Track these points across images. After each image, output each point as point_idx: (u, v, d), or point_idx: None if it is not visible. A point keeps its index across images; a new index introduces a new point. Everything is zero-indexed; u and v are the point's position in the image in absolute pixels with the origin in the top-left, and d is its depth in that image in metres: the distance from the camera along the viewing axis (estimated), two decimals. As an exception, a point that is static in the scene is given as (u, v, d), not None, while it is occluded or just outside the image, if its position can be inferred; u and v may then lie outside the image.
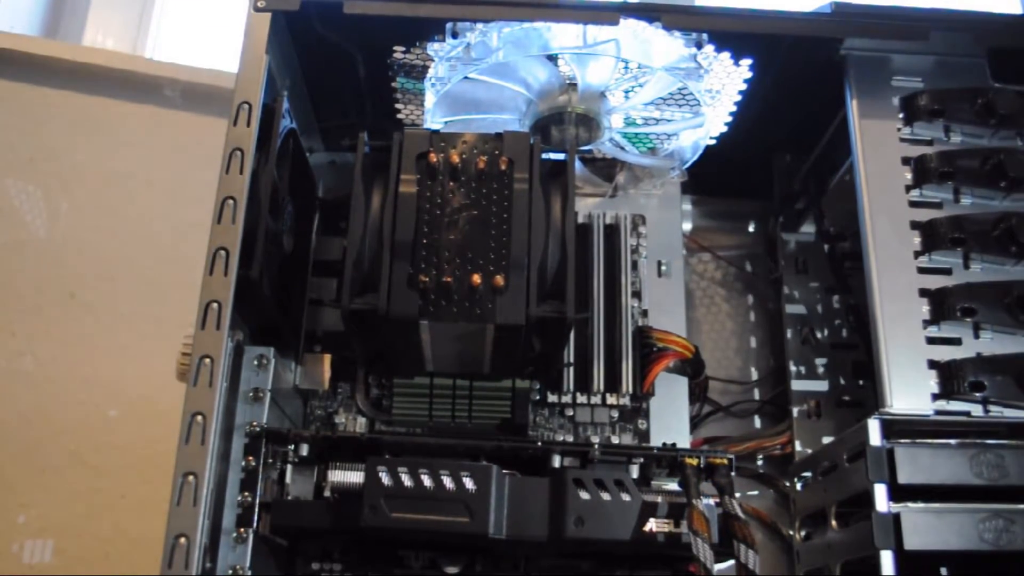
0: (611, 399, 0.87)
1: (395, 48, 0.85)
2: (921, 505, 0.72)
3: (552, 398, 0.87)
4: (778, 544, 0.96)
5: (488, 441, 0.75)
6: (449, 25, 0.80)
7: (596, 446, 0.74)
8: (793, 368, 1.00)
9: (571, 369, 0.88)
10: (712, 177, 0.98)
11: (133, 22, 1.50)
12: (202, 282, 0.69)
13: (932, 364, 0.74)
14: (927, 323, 0.76)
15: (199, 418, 0.65)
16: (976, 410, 0.74)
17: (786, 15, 0.82)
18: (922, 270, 0.77)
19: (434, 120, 0.88)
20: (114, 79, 1.30)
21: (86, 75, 1.30)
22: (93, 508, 1.08)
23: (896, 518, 0.71)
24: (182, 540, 0.63)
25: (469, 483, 0.69)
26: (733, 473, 0.73)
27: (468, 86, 0.85)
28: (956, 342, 0.75)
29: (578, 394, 0.87)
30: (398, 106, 0.94)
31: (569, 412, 0.88)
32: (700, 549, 0.65)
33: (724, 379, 1.03)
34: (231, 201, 0.70)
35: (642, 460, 0.75)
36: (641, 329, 0.90)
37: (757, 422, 1.03)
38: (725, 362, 1.05)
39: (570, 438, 0.87)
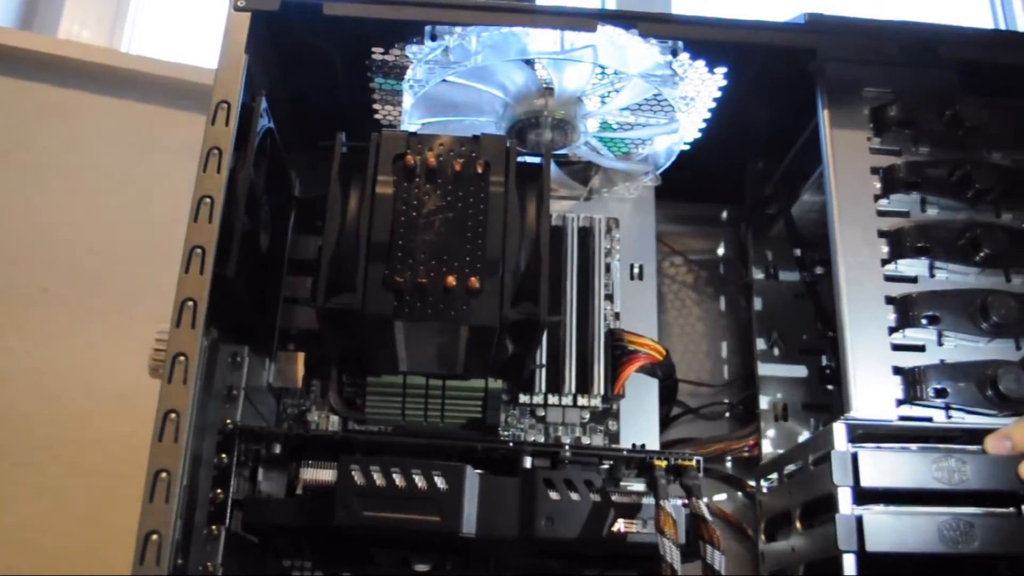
0: (582, 400, 0.88)
1: (374, 49, 0.85)
2: (883, 508, 0.73)
3: (524, 399, 0.88)
4: (744, 545, 0.98)
5: (460, 441, 0.76)
6: (428, 28, 0.81)
7: (566, 447, 0.75)
8: (762, 372, 1.01)
9: (543, 370, 0.89)
10: (685, 182, 0.99)
11: (109, 15, 1.49)
12: (178, 280, 0.69)
13: (897, 370, 0.76)
14: (892, 330, 0.77)
15: (173, 415, 0.66)
16: (939, 416, 0.75)
17: (760, 25, 0.83)
18: (888, 278, 0.79)
19: (411, 121, 0.88)
20: (90, 72, 1.29)
21: (62, 68, 1.29)
22: (64, 503, 1.08)
23: (859, 521, 0.72)
24: (154, 537, 0.63)
25: (441, 482, 0.70)
26: (701, 475, 0.74)
27: (446, 88, 0.86)
28: (920, 349, 0.77)
29: (550, 395, 0.88)
30: (376, 107, 0.94)
31: (540, 413, 0.89)
32: (667, 550, 0.66)
33: (694, 381, 1.04)
34: (208, 200, 0.71)
35: (612, 461, 0.76)
36: (613, 331, 0.91)
37: (726, 425, 1.04)
38: (695, 365, 1.06)
39: (541, 438, 0.88)
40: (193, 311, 0.68)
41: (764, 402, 1.00)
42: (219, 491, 0.71)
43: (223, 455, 0.72)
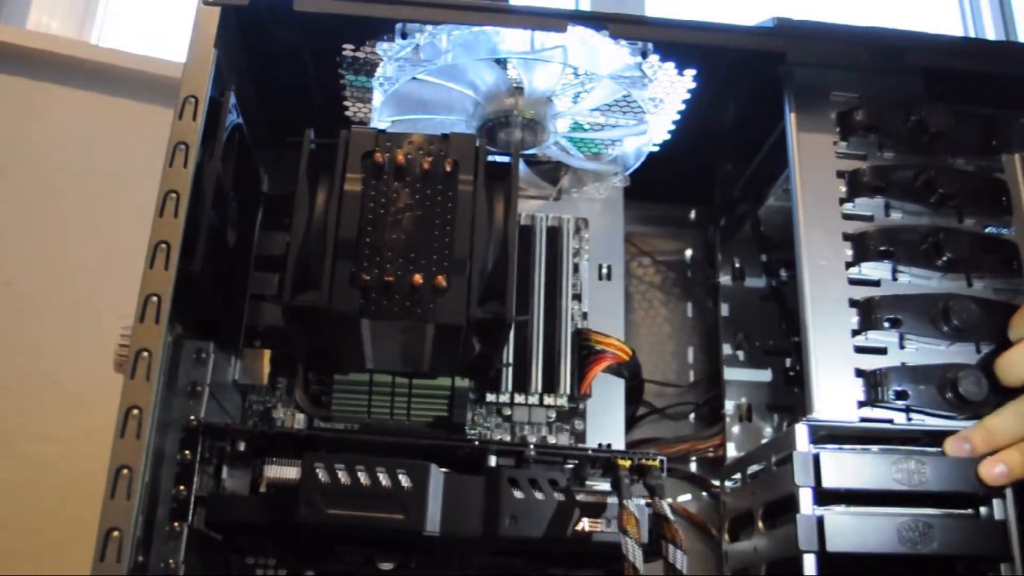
0: (549, 400, 0.89)
1: (344, 46, 0.85)
2: (844, 509, 0.74)
3: (490, 398, 0.88)
4: (708, 545, 0.99)
5: (425, 439, 0.76)
6: (399, 26, 0.81)
7: (531, 446, 0.76)
8: (727, 372, 1.02)
9: (510, 369, 0.89)
10: (654, 183, 1.00)
11: (79, 6, 1.48)
12: (143, 275, 0.68)
13: (859, 372, 0.77)
14: (855, 332, 0.78)
15: (135, 411, 0.65)
16: (899, 418, 0.76)
17: (729, 28, 0.84)
18: (852, 281, 0.80)
19: (381, 119, 0.88)
20: (59, 64, 1.28)
21: (30, 59, 1.28)
22: (25, 500, 1.07)
23: (820, 521, 0.73)
24: (115, 534, 0.62)
25: (405, 480, 0.70)
26: (664, 475, 0.75)
27: (416, 86, 0.86)
28: (882, 351, 0.78)
29: (516, 394, 0.89)
30: (346, 103, 0.94)
31: (507, 412, 0.89)
32: (630, 549, 0.67)
33: (660, 382, 1.05)
34: (174, 195, 0.70)
35: (576, 461, 0.77)
36: (580, 331, 0.91)
37: (691, 425, 1.05)
38: (662, 365, 1.07)
39: (507, 437, 0.89)
40: (157, 306, 0.67)
41: (729, 403, 1.00)
42: (182, 488, 0.70)
43: (187, 452, 0.72)
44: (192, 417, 0.73)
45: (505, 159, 0.79)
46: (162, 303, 0.68)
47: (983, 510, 0.75)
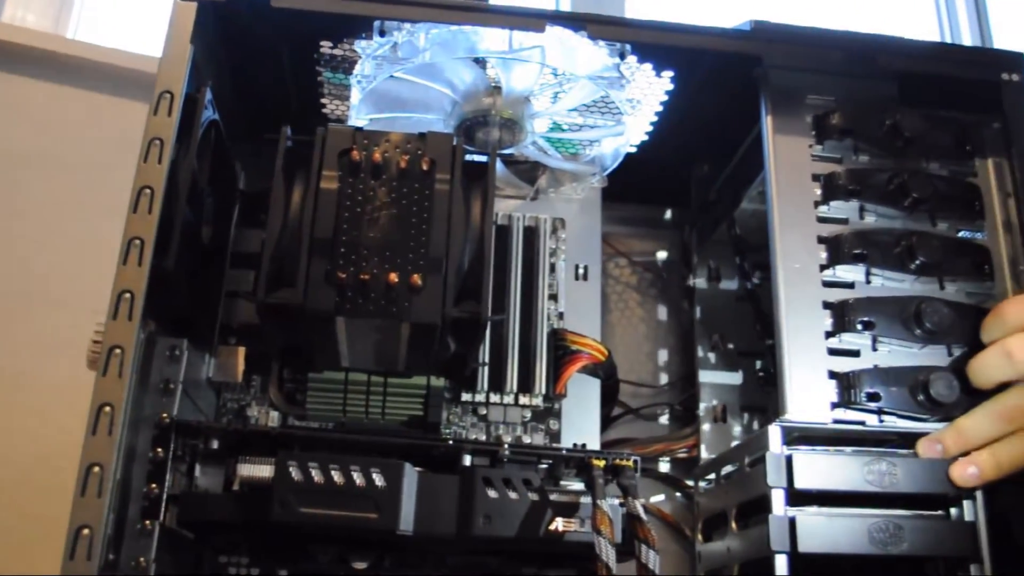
0: (524, 399, 0.89)
1: (322, 43, 0.85)
2: (816, 510, 0.75)
3: (466, 397, 0.88)
4: (682, 545, 0.99)
5: (400, 438, 0.76)
6: (377, 23, 0.81)
7: (506, 446, 0.76)
8: (702, 373, 1.02)
9: (486, 368, 0.89)
10: (631, 184, 1.00)
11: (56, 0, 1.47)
12: (116, 271, 0.68)
13: (832, 374, 0.77)
14: (829, 334, 0.78)
15: (107, 409, 0.65)
16: (871, 420, 0.77)
17: (707, 31, 0.84)
18: (826, 283, 0.80)
19: (359, 117, 0.88)
20: (34, 58, 1.27)
21: (5, 52, 1.26)
22: (-3, 497, 1.06)
23: (792, 522, 0.73)
24: (85, 532, 0.62)
25: (379, 479, 0.70)
26: (638, 475, 0.75)
27: (394, 85, 0.86)
28: (855, 354, 0.78)
29: (491, 393, 0.89)
30: (324, 100, 0.94)
31: (482, 411, 0.89)
32: (603, 549, 0.67)
33: (635, 382, 1.05)
34: (148, 191, 0.70)
35: (551, 460, 0.77)
36: (556, 331, 0.91)
37: (666, 425, 1.05)
38: (637, 366, 1.07)
39: (483, 437, 0.89)
40: (130, 303, 0.67)
41: (703, 404, 1.01)
42: (154, 486, 0.70)
43: (159, 449, 0.71)
44: (165, 415, 0.72)
45: (482, 158, 0.79)
46: (135, 300, 0.67)
47: (953, 511, 0.76)
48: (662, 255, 1.13)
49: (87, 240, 1.16)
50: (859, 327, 0.78)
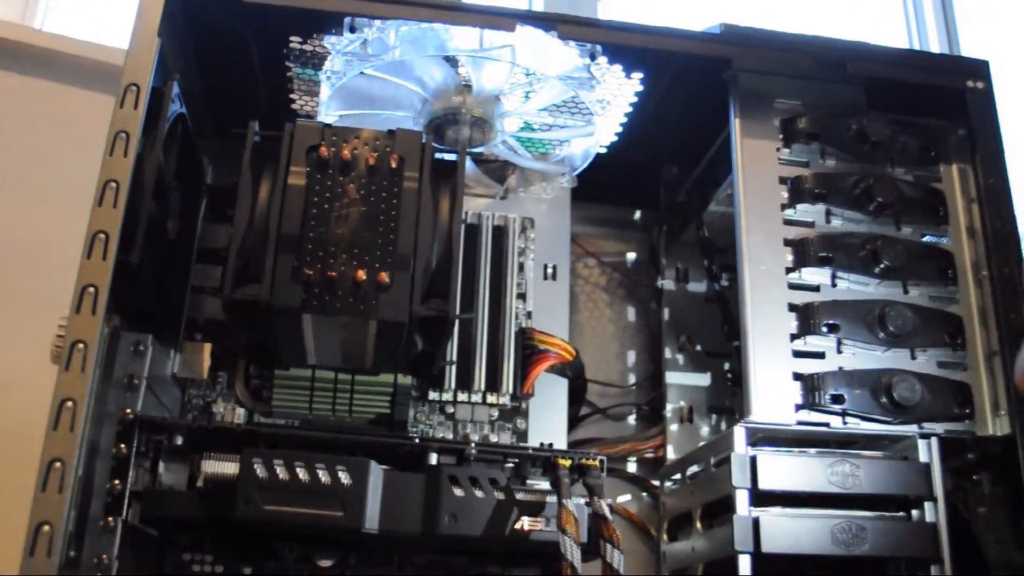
0: (492, 398, 0.89)
1: (292, 38, 0.84)
2: (779, 510, 0.75)
3: (433, 395, 0.88)
4: (647, 545, 0.99)
5: (366, 436, 0.76)
6: (347, 19, 0.80)
7: (472, 444, 0.76)
8: (669, 374, 1.03)
9: (453, 367, 0.89)
10: (601, 185, 1.00)
11: (22, -10, 1.45)
12: (79, 265, 0.67)
13: (797, 376, 0.78)
14: (794, 337, 0.79)
15: (69, 404, 0.64)
16: (835, 421, 0.77)
17: (677, 33, 0.84)
18: (792, 286, 0.81)
19: (328, 113, 0.87)
20: (1, 48, 1.25)
21: (-31, 43, 1.25)
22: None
23: (756, 522, 0.74)
24: (46, 528, 0.61)
25: (345, 477, 0.70)
26: (604, 475, 0.75)
27: (364, 81, 0.85)
28: (820, 356, 0.79)
29: (459, 392, 0.89)
30: (293, 96, 0.93)
31: (450, 410, 0.89)
32: (568, 548, 0.67)
33: (603, 382, 1.06)
34: (113, 184, 0.69)
35: (517, 459, 0.77)
36: (524, 330, 0.91)
37: (633, 425, 1.06)
38: (605, 366, 1.07)
39: (450, 435, 0.88)
40: (94, 298, 0.66)
41: (670, 404, 1.01)
42: (117, 482, 0.69)
43: (122, 445, 0.71)
44: (128, 410, 0.71)
45: (452, 157, 0.79)
46: (99, 294, 0.66)
47: (915, 513, 0.77)
48: (631, 256, 1.13)
49: (53, 233, 1.15)
50: (824, 329, 0.79)
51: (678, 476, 0.94)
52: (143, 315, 0.77)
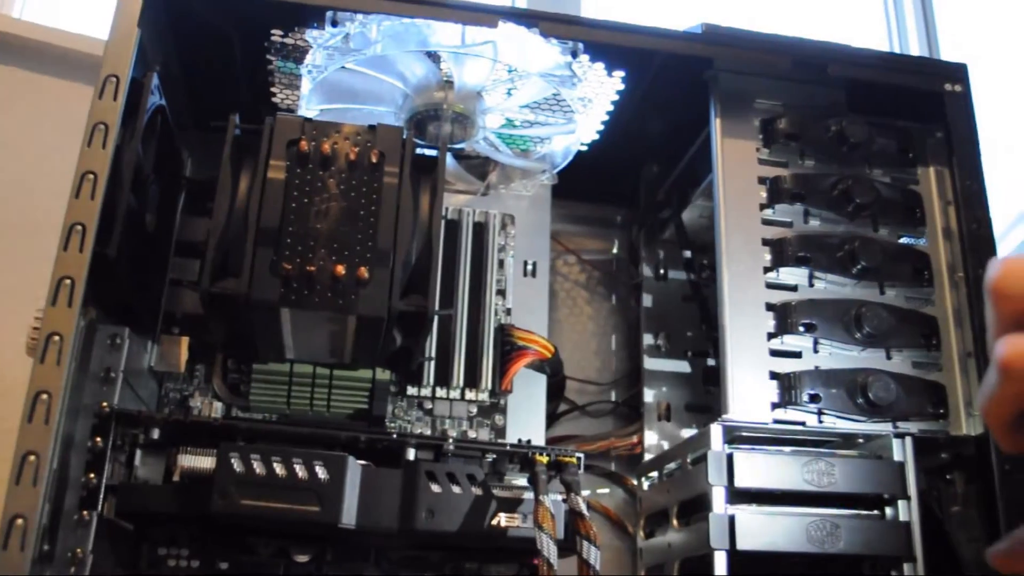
0: (470, 394, 0.89)
1: (273, 31, 0.84)
2: (755, 508, 0.76)
3: (412, 391, 0.88)
4: (624, 542, 1.00)
5: (344, 431, 0.76)
6: (329, 14, 0.80)
7: (450, 440, 0.76)
8: (647, 371, 1.03)
9: (432, 363, 0.89)
10: (581, 182, 1.01)
11: (0, -22, 1.44)
12: (56, 257, 0.67)
13: (773, 375, 0.78)
14: (771, 336, 0.80)
15: (44, 396, 0.64)
16: (811, 420, 0.78)
17: (659, 32, 0.85)
18: (770, 285, 0.81)
19: (309, 107, 0.87)
20: (-24, 37, 1.24)
21: (-55, 31, 1.23)
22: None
23: (731, 520, 0.74)
24: (19, 521, 0.61)
25: (322, 472, 0.70)
26: (581, 471, 0.76)
27: (345, 76, 0.85)
28: (797, 355, 0.80)
29: (438, 388, 0.89)
30: (274, 89, 0.93)
31: (428, 406, 0.89)
32: (544, 544, 0.67)
33: (581, 379, 1.06)
34: (91, 176, 0.69)
35: (495, 455, 0.77)
36: (503, 327, 0.91)
37: (611, 422, 1.06)
38: (583, 363, 1.08)
39: (428, 431, 0.89)
40: (70, 290, 0.66)
41: (648, 402, 1.02)
42: (92, 476, 0.69)
43: (98, 439, 0.70)
44: (104, 403, 0.71)
45: (433, 152, 0.79)
46: (75, 286, 0.66)
47: (889, 512, 0.77)
48: (610, 253, 1.13)
49: (31, 224, 1.14)
50: (801, 329, 0.79)
51: (655, 473, 0.95)
52: (120, 308, 0.77)
